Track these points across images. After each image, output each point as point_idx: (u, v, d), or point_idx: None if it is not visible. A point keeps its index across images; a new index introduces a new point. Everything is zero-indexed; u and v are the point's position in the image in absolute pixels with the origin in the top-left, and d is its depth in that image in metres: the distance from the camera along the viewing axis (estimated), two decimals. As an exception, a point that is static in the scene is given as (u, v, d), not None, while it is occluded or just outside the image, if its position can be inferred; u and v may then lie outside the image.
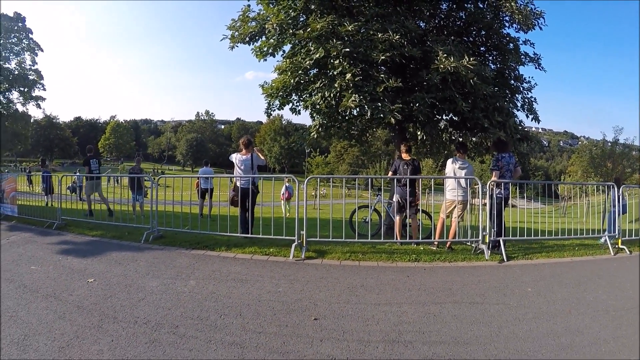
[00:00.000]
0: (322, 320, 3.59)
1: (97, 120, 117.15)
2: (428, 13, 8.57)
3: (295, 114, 8.86)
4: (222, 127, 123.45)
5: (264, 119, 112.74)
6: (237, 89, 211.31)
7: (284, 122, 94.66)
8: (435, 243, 6.53)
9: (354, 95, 6.75)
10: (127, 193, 10.70)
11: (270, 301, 4.06)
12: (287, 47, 8.66)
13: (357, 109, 7.07)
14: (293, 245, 5.84)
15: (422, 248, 6.36)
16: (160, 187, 7.61)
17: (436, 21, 8.92)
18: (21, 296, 4.46)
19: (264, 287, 4.49)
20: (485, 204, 6.24)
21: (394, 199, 6.85)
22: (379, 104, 6.74)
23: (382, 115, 6.70)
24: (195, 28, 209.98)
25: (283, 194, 17.15)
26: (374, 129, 9.87)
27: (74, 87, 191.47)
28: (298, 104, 8.73)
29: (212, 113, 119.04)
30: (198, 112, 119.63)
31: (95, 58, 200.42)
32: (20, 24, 28.18)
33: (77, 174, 16.60)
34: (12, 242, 7.35)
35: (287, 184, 17.35)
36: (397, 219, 6.79)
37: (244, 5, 8.40)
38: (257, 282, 4.66)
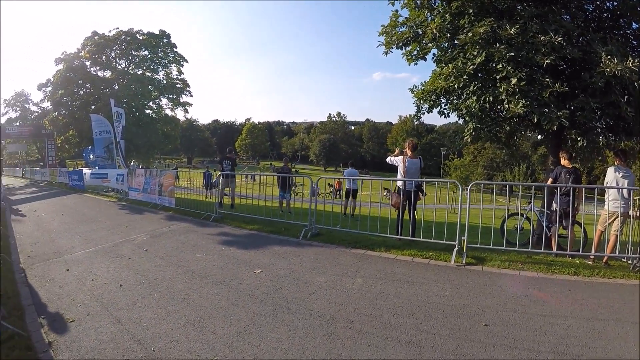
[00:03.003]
0: (492, 327, 3.74)
1: (233, 122, 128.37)
2: (573, 7, 8.02)
3: (445, 117, 8.72)
4: (353, 128, 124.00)
5: (393, 119, 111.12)
6: (366, 90, 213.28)
7: (415, 123, 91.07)
8: (592, 257, 6.17)
9: (521, 100, 6.60)
10: (266, 190, 11.26)
11: (439, 304, 4.29)
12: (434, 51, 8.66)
13: (522, 114, 6.84)
14: (454, 251, 5.97)
15: (578, 261, 6.08)
16: (303, 187, 8.25)
17: (584, 15, 8.31)
18: (191, 281, 5.01)
19: (430, 289, 4.73)
20: None
21: (553, 208, 6.62)
22: (546, 110, 6.50)
23: (548, 121, 6.47)
24: (322, 31, 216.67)
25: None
26: (522, 132, 9.44)
27: (212, 93, 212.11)
28: (446, 106, 8.64)
29: (343, 114, 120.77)
30: (330, 114, 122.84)
31: (231, 65, 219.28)
32: (165, 40, 32.71)
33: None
34: (173, 230, 8.24)
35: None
36: (554, 229, 6.51)
37: (393, 11, 8.66)
38: (423, 284, 4.91)
